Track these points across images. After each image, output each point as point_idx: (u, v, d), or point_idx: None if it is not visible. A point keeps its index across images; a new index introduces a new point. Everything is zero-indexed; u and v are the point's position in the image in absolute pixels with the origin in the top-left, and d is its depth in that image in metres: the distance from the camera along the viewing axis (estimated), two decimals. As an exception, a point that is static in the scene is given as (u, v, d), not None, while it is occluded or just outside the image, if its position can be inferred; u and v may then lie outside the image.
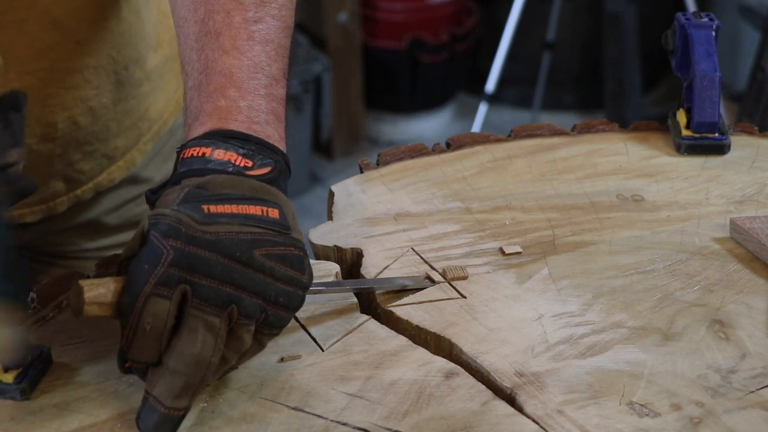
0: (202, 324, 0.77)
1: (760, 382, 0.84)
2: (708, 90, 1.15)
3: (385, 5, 3.42)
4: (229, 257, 0.78)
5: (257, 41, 0.92)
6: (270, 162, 0.86)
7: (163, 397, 0.77)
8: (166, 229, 0.78)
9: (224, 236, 0.79)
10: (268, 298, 0.80)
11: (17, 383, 0.82)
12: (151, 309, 0.76)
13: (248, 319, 0.79)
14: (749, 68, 2.87)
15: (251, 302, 0.79)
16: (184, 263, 0.77)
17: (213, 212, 0.80)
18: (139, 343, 0.77)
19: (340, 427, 0.80)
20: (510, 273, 0.97)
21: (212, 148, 0.86)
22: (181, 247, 0.77)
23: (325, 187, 1.05)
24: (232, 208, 0.81)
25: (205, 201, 0.80)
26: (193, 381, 0.77)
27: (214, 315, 0.77)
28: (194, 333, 0.77)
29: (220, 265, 0.78)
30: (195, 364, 0.77)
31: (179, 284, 0.77)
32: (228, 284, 0.78)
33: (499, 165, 1.14)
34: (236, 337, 0.79)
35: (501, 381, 0.84)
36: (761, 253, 0.98)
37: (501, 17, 3.06)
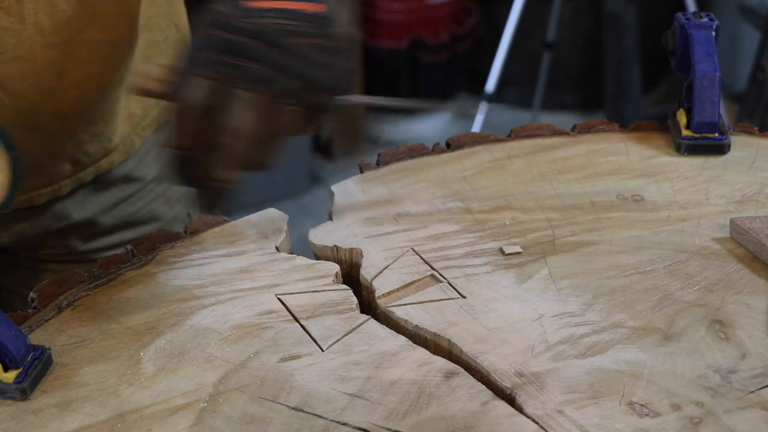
0: (242, 100, 0.84)
1: (760, 382, 0.84)
2: (708, 90, 1.15)
3: (385, 5, 3.42)
4: (271, 44, 0.85)
5: None
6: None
7: (210, 171, 0.86)
8: (212, 20, 0.85)
9: (264, 25, 0.86)
10: (306, 81, 0.86)
11: (17, 383, 0.83)
12: (191, 87, 0.84)
13: (290, 99, 0.86)
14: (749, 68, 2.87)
15: (291, 82, 0.86)
16: (226, 48, 0.84)
17: (255, 6, 0.87)
18: (180, 121, 0.84)
19: (340, 427, 0.80)
20: (510, 273, 0.97)
21: None
22: (225, 35, 0.85)
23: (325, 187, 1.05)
24: (275, 4, 0.88)
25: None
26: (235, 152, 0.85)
27: (260, 93, 0.85)
28: (235, 109, 0.84)
29: (262, 50, 0.85)
30: (237, 136, 0.84)
31: (220, 66, 0.84)
32: (267, 65, 0.85)
33: (499, 165, 1.14)
34: (281, 116, 0.86)
35: (501, 381, 0.84)
36: (761, 253, 0.98)
37: (501, 17, 3.06)
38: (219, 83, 0.84)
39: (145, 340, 0.89)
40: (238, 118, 0.85)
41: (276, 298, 0.94)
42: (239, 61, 0.85)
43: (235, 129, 0.85)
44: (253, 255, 0.99)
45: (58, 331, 0.90)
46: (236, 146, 0.85)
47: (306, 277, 0.96)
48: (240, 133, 0.85)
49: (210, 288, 0.95)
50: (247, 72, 0.85)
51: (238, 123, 0.85)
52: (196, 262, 0.99)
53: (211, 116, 0.85)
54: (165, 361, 0.87)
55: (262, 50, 0.85)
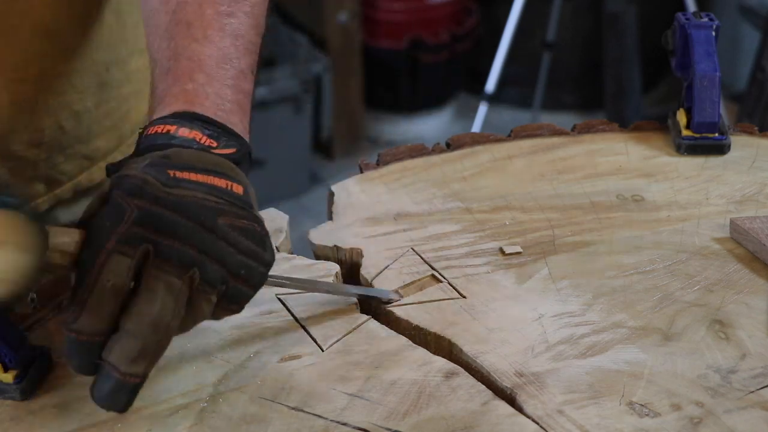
0: (162, 285, 0.75)
1: (760, 382, 0.84)
2: (708, 90, 1.15)
3: (385, 5, 3.42)
4: (194, 220, 0.77)
5: (228, 34, 0.92)
6: (234, 144, 0.85)
7: (118, 362, 0.74)
8: (131, 188, 0.76)
9: (190, 200, 0.77)
10: (230, 269, 0.78)
11: (17, 383, 0.82)
12: (112, 266, 0.74)
13: (209, 287, 0.77)
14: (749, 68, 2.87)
15: (214, 269, 0.77)
16: (148, 222, 0.75)
17: (179, 177, 0.79)
18: (95, 304, 0.74)
19: (340, 427, 0.80)
20: (510, 273, 0.97)
21: (177, 126, 0.84)
22: (146, 207, 0.76)
23: (325, 187, 1.05)
24: (198, 177, 0.80)
25: (170, 167, 0.79)
26: (150, 344, 0.75)
27: (176, 276, 0.75)
28: (154, 294, 0.75)
29: (185, 227, 0.76)
30: (153, 325, 0.74)
31: (142, 243, 0.75)
32: (192, 246, 0.76)
33: (499, 165, 1.14)
34: (195, 305, 0.77)
35: (501, 381, 0.84)
36: (761, 253, 0.98)
37: (501, 17, 3.06)
38: (134, 262, 0.74)
39: (145, 340, 0.89)
40: (157, 306, 0.74)
41: (276, 298, 0.94)
42: (160, 237, 0.75)
43: (152, 318, 0.74)
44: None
45: (58, 331, 0.90)
46: (152, 338, 0.74)
47: (306, 277, 0.96)
48: (157, 323, 0.74)
49: (210, 288, 0.95)
50: (167, 251, 0.75)
51: (155, 311, 0.74)
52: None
53: (123, 299, 0.74)
54: (165, 361, 0.86)
55: (185, 227, 0.76)
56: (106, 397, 0.75)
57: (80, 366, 0.76)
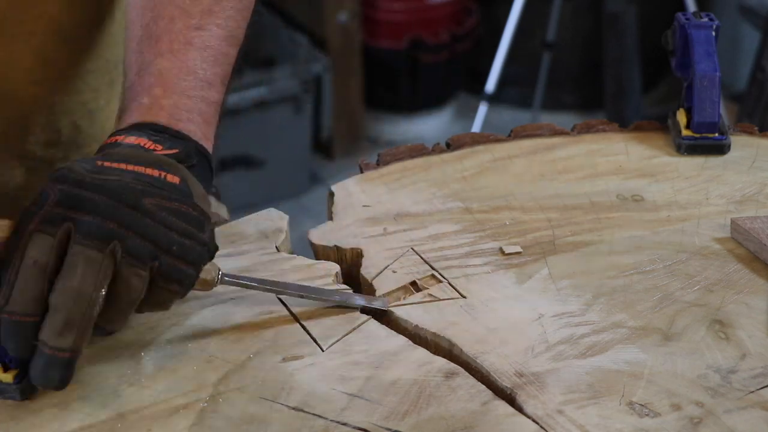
0: (82, 258, 0.77)
1: (761, 382, 0.84)
2: (708, 90, 1.15)
3: (385, 5, 3.42)
4: (115, 199, 0.79)
5: (195, 47, 0.95)
6: (179, 145, 0.88)
7: (47, 338, 0.76)
8: (56, 175, 0.80)
9: (112, 182, 0.80)
10: (159, 245, 0.79)
11: (17, 383, 0.82)
12: (35, 245, 0.77)
13: (136, 260, 0.79)
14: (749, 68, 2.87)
15: (138, 243, 0.79)
16: (67, 203, 0.78)
17: (106, 166, 0.82)
18: (22, 282, 0.77)
19: (340, 427, 0.80)
20: (510, 273, 0.97)
21: (125, 136, 0.88)
22: (68, 189, 0.79)
23: (325, 187, 1.05)
24: (128, 166, 0.82)
25: (100, 159, 0.82)
26: (73, 316, 0.76)
27: (96, 249, 0.77)
28: (74, 268, 0.77)
29: (105, 205, 0.78)
30: (75, 297, 0.76)
31: (63, 222, 0.77)
32: (112, 221, 0.78)
33: (499, 165, 1.14)
34: (124, 279, 0.78)
35: (501, 381, 0.84)
36: (762, 253, 0.98)
37: (501, 17, 3.06)
38: (56, 240, 0.77)
39: (145, 340, 0.89)
40: (77, 278, 0.76)
41: (276, 298, 0.94)
42: (79, 215, 0.78)
43: (73, 290, 0.76)
44: (253, 255, 0.99)
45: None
46: (75, 310, 0.76)
47: (306, 277, 0.96)
48: (79, 295, 0.76)
49: (210, 288, 0.95)
50: (86, 227, 0.77)
51: (76, 284, 0.76)
52: (196, 262, 0.99)
53: (49, 276, 0.77)
54: (165, 361, 0.87)
55: (105, 204, 0.78)
56: (41, 375, 0.78)
57: (16, 348, 0.78)
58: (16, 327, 0.77)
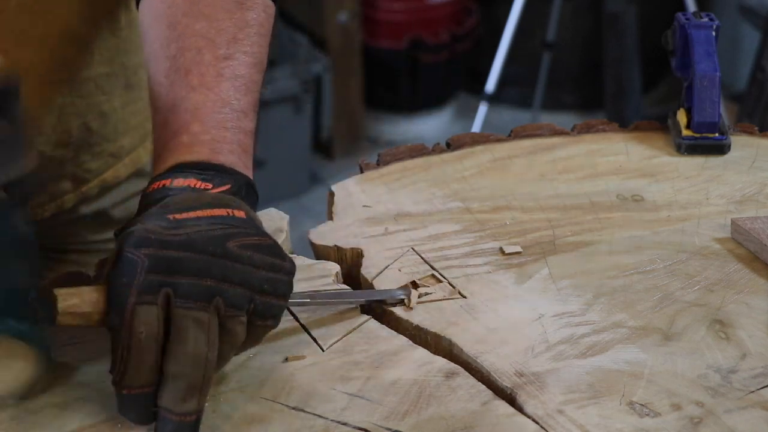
0: (191, 321, 0.76)
1: (761, 382, 0.84)
2: (708, 90, 1.15)
3: (385, 5, 3.42)
4: (203, 252, 0.78)
5: (226, 77, 0.93)
6: (228, 180, 0.87)
7: (171, 405, 0.76)
8: (136, 240, 0.78)
9: (195, 234, 0.79)
10: (252, 287, 0.79)
11: None
12: (140, 317, 0.76)
13: (237, 310, 0.78)
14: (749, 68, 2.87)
15: (236, 292, 0.78)
16: (160, 267, 0.77)
17: (179, 218, 0.80)
18: (136, 357, 0.76)
19: (340, 427, 0.80)
20: (510, 273, 0.97)
21: (171, 179, 0.86)
22: (155, 253, 0.77)
23: (325, 187, 1.05)
24: (197, 213, 0.81)
25: (169, 212, 0.81)
26: (195, 381, 0.76)
27: (201, 310, 0.77)
28: (185, 332, 0.76)
29: (197, 261, 0.77)
30: (192, 362, 0.76)
31: (161, 288, 0.77)
32: (208, 278, 0.77)
33: (499, 165, 1.14)
34: (228, 330, 0.78)
35: (501, 381, 0.84)
36: (762, 253, 0.98)
37: (501, 17, 3.06)
38: (159, 308, 0.76)
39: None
40: (191, 343, 0.76)
41: (276, 298, 0.93)
42: (176, 278, 0.77)
43: (189, 355, 0.76)
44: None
45: (58, 331, 0.90)
46: (194, 375, 0.76)
47: (306, 277, 0.96)
48: (195, 359, 0.76)
49: (210, 288, 0.95)
50: (186, 289, 0.77)
51: (190, 349, 0.76)
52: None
53: (161, 346, 0.76)
54: (165, 361, 0.86)
55: (197, 261, 0.77)
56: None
57: (137, 418, 0.78)
58: (137, 400, 0.77)
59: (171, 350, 0.76)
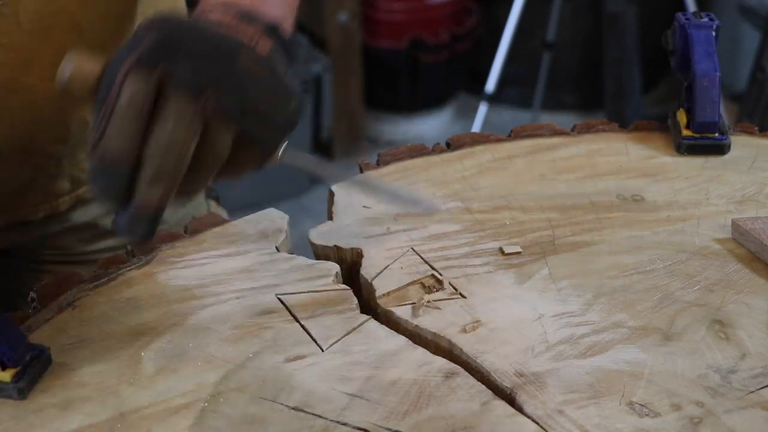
0: (176, 109, 0.75)
1: (761, 382, 0.84)
2: (708, 90, 1.15)
3: (385, 5, 3.42)
4: (213, 47, 0.76)
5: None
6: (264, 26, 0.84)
7: (136, 188, 0.75)
8: (152, 21, 0.77)
9: (214, 29, 0.78)
10: (250, 104, 0.77)
11: (14, 382, 0.82)
12: (130, 84, 0.74)
13: (225, 117, 0.76)
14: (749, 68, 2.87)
15: (230, 98, 0.76)
16: (165, 45, 0.75)
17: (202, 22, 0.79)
18: (116, 122, 0.74)
19: (340, 427, 0.80)
20: (510, 273, 0.97)
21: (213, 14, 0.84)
22: (166, 31, 0.76)
23: (325, 187, 1.05)
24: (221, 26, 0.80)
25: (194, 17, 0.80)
26: (162, 168, 0.75)
27: (189, 101, 0.75)
28: (166, 118, 0.75)
29: (203, 52, 0.76)
30: (164, 149, 0.75)
31: (159, 64, 0.75)
32: (207, 72, 0.76)
33: (499, 165, 1.14)
34: (211, 134, 0.77)
35: (501, 381, 0.84)
36: (763, 254, 0.98)
37: (501, 17, 3.06)
38: (152, 81, 0.74)
39: (145, 340, 0.89)
40: (168, 128, 0.75)
41: (276, 298, 0.94)
42: (176, 59, 0.75)
43: (162, 141, 0.75)
44: (253, 255, 0.99)
45: (58, 331, 0.90)
46: (163, 161, 0.75)
47: (306, 277, 0.96)
48: (167, 147, 0.75)
49: (210, 288, 0.95)
50: (181, 73, 0.75)
51: (166, 134, 0.75)
52: (196, 262, 0.99)
53: (143, 123, 0.75)
54: (165, 361, 0.87)
55: (203, 52, 0.75)
56: (125, 225, 0.77)
57: (103, 190, 0.76)
58: (107, 170, 0.75)
59: (150, 134, 0.75)
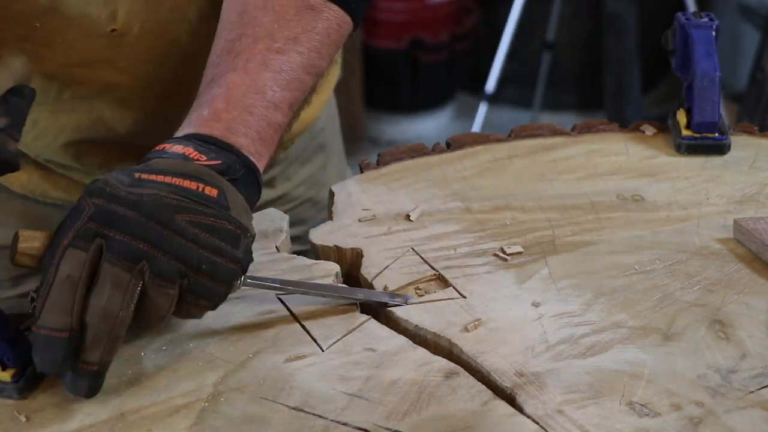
0: (111, 278, 0.78)
1: (760, 382, 0.84)
2: (708, 90, 1.15)
3: (385, 5, 3.42)
4: (147, 216, 0.80)
5: (270, 68, 0.94)
6: (222, 157, 0.87)
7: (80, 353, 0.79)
8: (92, 189, 0.81)
9: (147, 198, 0.80)
10: (189, 264, 0.80)
11: (15, 382, 0.83)
12: (67, 259, 0.78)
13: (164, 281, 0.80)
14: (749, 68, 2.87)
15: (167, 263, 0.80)
16: (101, 218, 0.79)
17: (144, 178, 0.82)
18: (54, 295, 0.78)
19: (340, 427, 0.80)
20: (510, 273, 0.97)
21: (172, 144, 0.88)
22: (102, 204, 0.80)
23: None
24: (165, 178, 0.83)
25: (139, 171, 0.83)
26: (100, 334, 0.78)
27: (125, 270, 0.79)
28: (103, 285, 0.78)
29: (136, 223, 0.79)
30: (102, 315, 0.78)
31: (96, 238, 0.79)
32: (142, 241, 0.79)
33: (499, 165, 1.14)
34: (150, 297, 0.80)
35: (501, 381, 0.84)
36: (764, 253, 0.98)
37: (501, 17, 3.06)
38: (88, 255, 0.78)
39: (145, 340, 0.89)
40: (104, 297, 0.78)
41: (276, 298, 0.94)
42: (111, 233, 0.79)
43: (100, 308, 0.78)
44: (253, 255, 0.99)
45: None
46: (101, 328, 0.78)
47: (306, 278, 0.96)
48: (105, 314, 0.78)
49: (210, 288, 0.95)
50: (116, 245, 0.79)
51: (102, 302, 0.78)
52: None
53: (82, 294, 0.78)
54: (165, 361, 0.87)
55: (136, 222, 0.79)
56: (71, 386, 0.80)
57: (45, 362, 0.79)
58: (46, 341, 0.78)
59: (88, 301, 0.78)
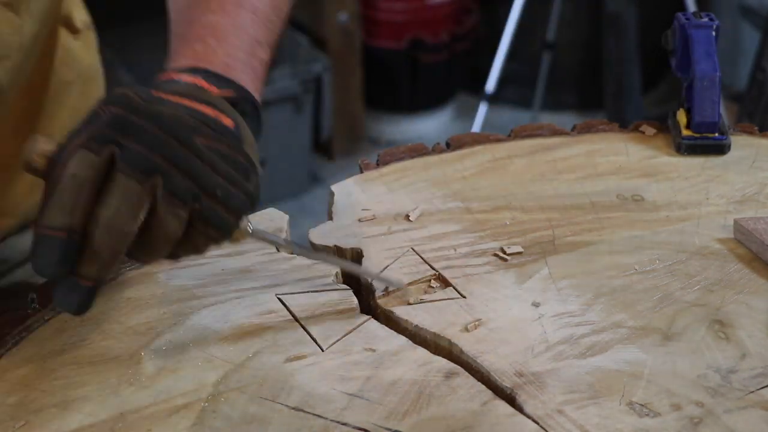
0: (121, 189, 0.74)
1: (760, 382, 0.84)
2: (708, 90, 1.15)
3: (385, 5, 3.42)
4: (166, 131, 0.76)
5: (245, 8, 0.93)
6: (234, 88, 0.85)
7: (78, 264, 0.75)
8: (110, 98, 0.77)
9: (167, 111, 0.78)
10: (202, 185, 0.77)
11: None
12: (76, 159, 0.74)
13: (176, 200, 0.76)
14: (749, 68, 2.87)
15: (180, 181, 0.76)
16: (118, 126, 0.75)
17: (163, 97, 0.79)
18: (59, 194, 0.74)
19: (340, 427, 0.80)
20: (510, 273, 0.97)
21: (179, 73, 0.85)
22: (120, 112, 0.76)
23: (325, 187, 1.05)
24: (183, 101, 0.80)
25: (156, 89, 0.80)
26: (101, 246, 0.74)
27: (137, 182, 0.75)
28: (111, 195, 0.74)
29: (155, 136, 0.76)
30: (106, 227, 0.74)
31: (108, 143, 0.75)
32: (158, 154, 0.75)
33: (499, 165, 1.14)
34: (160, 217, 0.76)
35: (501, 381, 0.84)
36: (764, 254, 0.98)
37: (501, 17, 3.06)
38: (100, 159, 0.74)
39: (145, 340, 0.89)
40: (111, 208, 0.74)
41: (276, 298, 0.94)
42: (126, 141, 0.75)
43: (104, 219, 0.74)
44: (253, 255, 0.99)
45: (58, 331, 0.90)
46: (103, 239, 0.74)
47: (306, 277, 0.96)
48: (109, 226, 0.74)
49: (210, 288, 0.95)
50: (131, 155, 0.75)
51: (109, 213, 0.74)
52: (196, 261, 0.99)
53: (90, 198, 0.74)
54: (165, 361, 0.87)
55: (154, 135, 0.75)
56: (61, 298, 0.76)
57: (38, 262, 0.75)
58: (44, 240, 0.74)
59: (95, 210, 0.74)
